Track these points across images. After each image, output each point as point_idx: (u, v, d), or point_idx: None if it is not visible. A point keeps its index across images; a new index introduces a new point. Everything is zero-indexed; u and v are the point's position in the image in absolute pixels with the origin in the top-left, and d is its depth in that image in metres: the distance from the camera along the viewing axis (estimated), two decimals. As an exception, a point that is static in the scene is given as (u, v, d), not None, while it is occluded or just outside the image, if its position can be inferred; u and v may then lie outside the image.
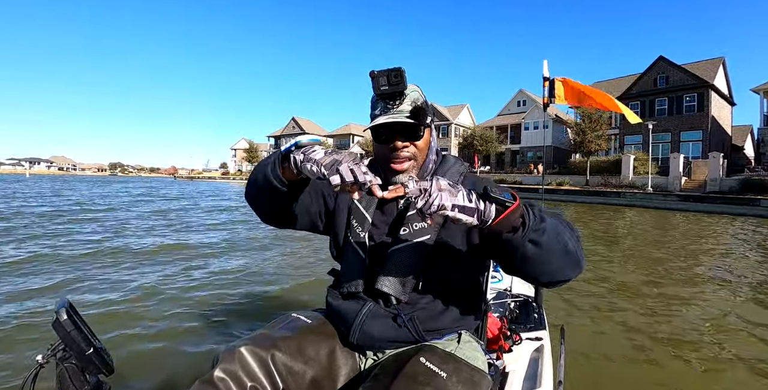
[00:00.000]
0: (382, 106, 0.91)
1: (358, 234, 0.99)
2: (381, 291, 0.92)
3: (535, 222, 0.74)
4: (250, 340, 0.88)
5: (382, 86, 0.85)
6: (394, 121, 0.88)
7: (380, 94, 0.88)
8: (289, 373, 0.86)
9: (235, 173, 68.62)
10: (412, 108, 0.89)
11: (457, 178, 1.02)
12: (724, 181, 19.53)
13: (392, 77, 0.84)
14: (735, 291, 4.34)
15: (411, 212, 0.95)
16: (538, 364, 1.40)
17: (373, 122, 0.89)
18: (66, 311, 0.74)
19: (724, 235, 9.24)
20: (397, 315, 0.93)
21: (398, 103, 0.89)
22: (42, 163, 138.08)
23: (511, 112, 40.39)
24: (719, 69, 26.72)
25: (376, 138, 0.94)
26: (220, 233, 7.53)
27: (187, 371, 2.25)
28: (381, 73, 0.84)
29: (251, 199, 1.01)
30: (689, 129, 25.30)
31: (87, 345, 0.74)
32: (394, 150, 0.92)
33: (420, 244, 0.93)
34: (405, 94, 0.89)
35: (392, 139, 0.92)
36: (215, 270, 4.60)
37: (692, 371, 2.48)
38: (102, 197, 17.32)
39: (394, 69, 0.84)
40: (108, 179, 63.03)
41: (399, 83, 0.84)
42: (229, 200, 17.43)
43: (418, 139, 0.93)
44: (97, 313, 3.09)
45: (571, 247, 0.78)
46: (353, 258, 0.99)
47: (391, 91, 0.86)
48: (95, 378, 0.79)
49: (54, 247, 5.58)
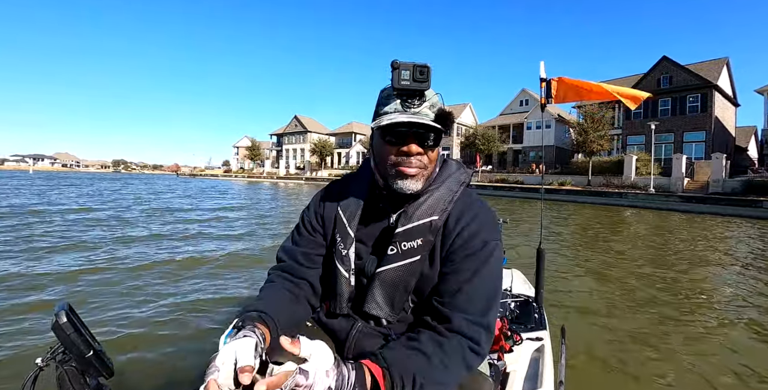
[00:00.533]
0: (400, 103, 0.81)
1: (341, 251, 0.93)
2: (369, 313, 0.89)
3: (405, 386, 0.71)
4: None
5: (404, 81, 0.76)
6: (420, 121, 0.78)
7: (399, 89, 0.78)
8: None
9: (237, 171, 68.70)
10: (438, 112, 0.80)
11: (457, 188, 0.93)
12: (726, 182, 19.46)
13: (417, 73, 0.76)
14: (734, 292, 4.35)
15: (399, 229, 0.88)
16: (538, 365, 1.40)
17: (393, 119, 0.79)
18: (66, 314, 0.73)
19: (724, 236, 9.22)
20: (388, 335, 0.90)
21: (418, 104, 0.80)
22: (46, 160, 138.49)
23: (513, 112, 40.27)
24: (723, 69, 26.56)
25: (386, 138, 0.83)
26: (222, 238, 7.42)
27: (186, 375, 2.25)
28: (405, 65, 0.76)
29: None
30: (692, 130, 25.18)
31: (87, 348, 0.74)
32: (406, 154, 0.82)
33: (407, 266, 0.87)
34: (425, 96, 0.81)
35: (406, 142, 0.82)
36: (216, 273, 4.60)
37: (693, 371, 2.49)
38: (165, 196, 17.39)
39: (422, 65, 0.76)
40: (126, 176, 63.10)
41: (424, 81, 0.76)
42: (233, 199, 17.48)
43: (435, 146, 0.84)
44: (97, 314, 3.08)
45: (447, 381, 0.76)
46: (339, 276, 0.93)
47: (414, 87, 0.77)
48: (95, 381, 0.79)
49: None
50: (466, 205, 0.91)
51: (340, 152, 52.72)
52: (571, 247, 7.22)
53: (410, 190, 0.85)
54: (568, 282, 4.56)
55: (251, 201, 16.56)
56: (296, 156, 58.85)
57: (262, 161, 62.82)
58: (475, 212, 0.89)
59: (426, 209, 0.89)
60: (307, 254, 0.98)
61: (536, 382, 1.29)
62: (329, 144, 50.25)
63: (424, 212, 0.88)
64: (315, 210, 1.02)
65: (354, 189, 0.99)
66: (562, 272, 5.03)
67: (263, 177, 54.20)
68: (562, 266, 5.40)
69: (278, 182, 44.98)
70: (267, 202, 16.29)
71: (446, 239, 0.88)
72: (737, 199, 16.73)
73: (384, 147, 0.84)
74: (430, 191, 0.91)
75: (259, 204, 15.30)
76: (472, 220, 0.88)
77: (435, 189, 0.91)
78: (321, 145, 49.67)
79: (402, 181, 0.84)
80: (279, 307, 0.87)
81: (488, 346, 0.82)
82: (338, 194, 1.00)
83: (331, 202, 1.00)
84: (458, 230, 0.87)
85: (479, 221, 0.88)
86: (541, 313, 1.91)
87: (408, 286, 0.88)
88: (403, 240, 0.88)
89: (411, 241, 0.87)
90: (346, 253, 0.93)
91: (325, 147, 49.43)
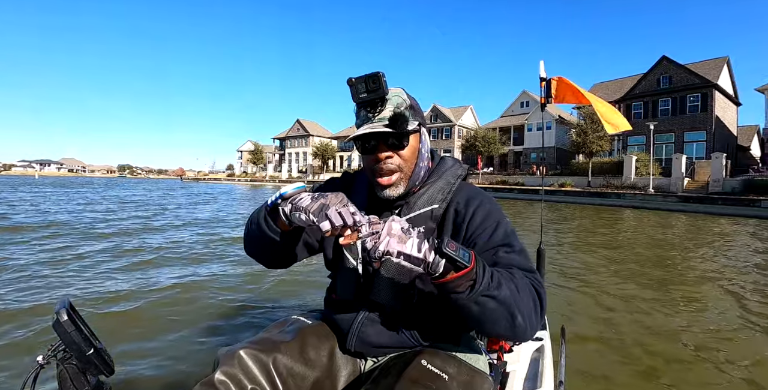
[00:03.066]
0: (364, 114, 0.88)
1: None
2: (375, 302, 0.90)
3: (487, 288, 0.70)
4: (250, 343, 0.88)
5: (361, 94, 0.82)
6: (371, 131, 0.84)
7: (359, 102, 0.85)
8: (289, 375, 0.85)
9: (240, 175, 69.15)
10: (391, 115, 0.84)
11: (454, 180, 0.98)
12: (726, 181, 19.39)
13: (370, 83, 0.80)
14: (734, 292, 4.34)
15: (402, 218, 0.94)
16: (538, 365, 1.40)
17: (353, 134, 0.85)
18: (66, 311, 0.73)
19: (723, 236, 9.21)
20: (393, 323, 0.93)
21: (379, 111, 0.85)
22: (52, 165, 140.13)
23: (514, 113, 40.33)
24: (723, 68, 26.51)
25: (359, 149, 0.91)
26: (222, 237, 7.40)
27: (187, 372, 2.25)
28: (359, 79, 0.81)
29: (251, 252, 1.01)
30: (693, 129, 25.13)
31: (88, 345, 0.74)
32: (378, 161, 0.89)
33: None
34: (387, 100, 0.86)
35: (375, 150, 0.88)
36: (216, 272, 4.62)
37: (693, 371, 2.49)
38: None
39: (372, 74, 0.80)
40: (135, 181, 63.44)
41: (377, 89, 0.81)
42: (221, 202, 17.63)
43: (401, 148, 0.88)
44: (98, 313, 3.09)
45: (519, 320, 0.75)
46: (346, 266, 0.97)
47: (370, 98, 0.82)
48: (96, 379, 0.79)
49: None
50: (471, 193, 0.97)
51: (342, 155, 52.83)
52: (571, 247, 7.21)
53: (392, 196, 0.91)
54: (568, 282, 4.58)
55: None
56: (299, 159, 59.19)
57: (265, 165, 63.24)
58: (481, 199, 0.95)
59: (426, 199, 0.94)
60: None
61: (536, 382, 1.28)
62: (331, 147, 50.41)
63: (424, 202, 0.94)
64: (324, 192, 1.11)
65: (358, 184, 1.06)
66: (562, 272, 5.06)
67: (266, 181, 54.50)
68: (562, 266, 5.42)
69: (281, 186, 44.69)
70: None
71: (458, 227, 0.92)
72: (735, 198, 16.68)
73: (362, 156, 0.94)
74: (429, 183, 0.97)
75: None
76: (479, 206, 0.93)
77: (433, 182, 0.97)
78: (323, 148, 49.87)
79: (382, 191, 0.91)
80: None
81: (544, 290, 0.84)
82: (344, 188, 1.04)
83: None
84: (469, 217, 0.91)
85: (485, 206, 0.93)
86: None
87: (412, 275, 0.93)
88: None
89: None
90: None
91: (327, 150, 49.59)
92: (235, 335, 2.77)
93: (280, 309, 3.37)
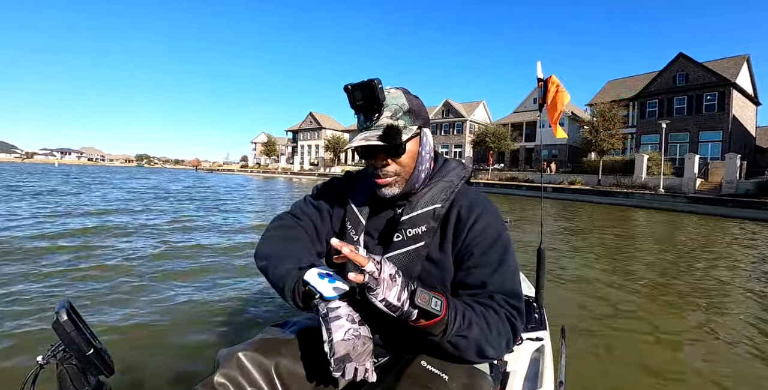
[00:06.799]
0: (362, 119, 0.89)
1: (352, 237, 0.99)
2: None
3: (458, 330, 0.74)
4: (250, 344, 0.88)
5: (358, 101, 0.85)
6: (363, 144, 0.86)
7: (356, 108, 0.88)
8: (289, 376, 0.86)
9: (253, 166, 70.09)
10: (384, 129, 0.85)
11: (457, 181, 1.00)
12: (741, 183, 19.05)
13: (365, 91, 0.84)
14: (739, 295, 4.36)
15: (404, 217, 0.95)
16: (539, 365, 1.40)
17: (349, 144, 0.88)
18: (66, 312, 0.73)
19: (725, 238, 9.16)
20: (391, 322, 0.92)
21: (377, 117, 0.87)
22: (73, 154, 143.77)
23: (527, 110, 39.84)
24: (743, 67, 25.84)
25: (359, 155, 0.95)
26: (222, 235, 7.07)
27: (187, 373, 2.26)
28: (355, 86, 0.84)
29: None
30: (709, 129, 24.64)
31: (87, 346, 0.73)
32: (376, 167, 0.92)
33: (413, 251, 0.93)
34: (384, 106, 0.87)
35: (373, 155, 0.92)
36: (216, 271, 4.53)
37: (693, 372, 2.49)
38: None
39: (367, 83, 0.83)
40: (155, 170, 62.77)
41: (372, 97, 0.84)
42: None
43: (398, 156, 0.90)
44: (98, 313, 3.06)
45: (489, 353, 0.79)
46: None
47: (367, 105, 0.86)
48: (96, 379, 0.79)
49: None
50: (473, 200, 0.97)
51: (354, 149, 52.94)
52: (572, 246, 7.23)
53: (389, 195, 0.94)
54: (568, 282, 4.57)
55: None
56: (311, 152, 59.74)
57: (278, 157, 63.96)
58: (483, 207, 0.95)
59: (429, 198, 0.96)
60: (315, 215, 1.07)
61: (536, 382, 1.28)
62: (343, 140, 50.60)
63: (427, 201, 0.95)
64: (325, 193, 1.11)
65: (360, 183, 1.08)
66: (563, 272, 5.05)
67: (278, 172, 55.27)
68: (563, 266, 5.40)
69: (292, 178, 45.45)
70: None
71: (459, 232, 0.93)
72: (746, 200, 16.45)
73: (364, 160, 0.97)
74: (432, 184, 0.98)
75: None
76: (481, 214, 0.93)
77: (436, 182, 0.98)
78: (335, 141, 50.23)
79: (380, 190, 0.94)
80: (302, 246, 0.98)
81: (523, 317, 0.87)
82: (346, 188, 1.08)
83: (340, 193, 1.08)
84: (471, 223, 0.92)
85: (488, 215, 0.94)
86: (542, 313, 1.87)
87: (412, 272, 0.92)
88: (408, 227, 0.93)
89: (416, 228, 0.93)
90: (357, 238, 0.98)
91: (338, 143, 49.89)
92: (236, 336, 2.77)
93: (280, 309, 3.36)
